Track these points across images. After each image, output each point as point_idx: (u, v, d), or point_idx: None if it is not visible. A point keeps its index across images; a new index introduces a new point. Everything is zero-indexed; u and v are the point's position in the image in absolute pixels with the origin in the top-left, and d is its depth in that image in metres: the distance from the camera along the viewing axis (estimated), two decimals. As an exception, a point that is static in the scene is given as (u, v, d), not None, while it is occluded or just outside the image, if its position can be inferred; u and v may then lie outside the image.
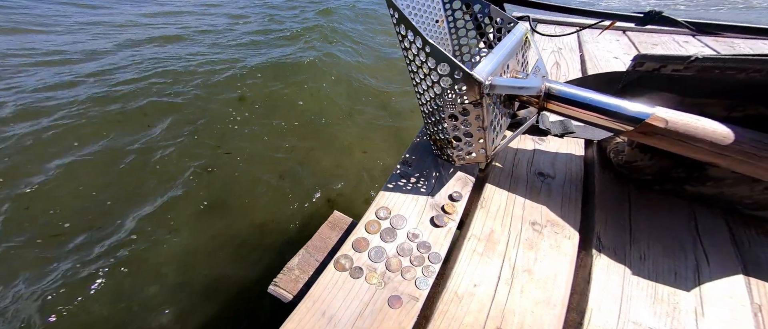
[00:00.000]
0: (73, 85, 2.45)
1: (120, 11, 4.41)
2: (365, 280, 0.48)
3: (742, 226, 0.56)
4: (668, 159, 0.57)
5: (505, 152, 0.71)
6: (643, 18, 0.90)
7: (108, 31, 3.66)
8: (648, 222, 0.57)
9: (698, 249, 0.52)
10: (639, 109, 0.49)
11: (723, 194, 0.56)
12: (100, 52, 3.06)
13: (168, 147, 1.94)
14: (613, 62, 1.22)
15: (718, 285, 0.48)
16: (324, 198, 1.74)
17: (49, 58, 2.87)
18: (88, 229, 1.49)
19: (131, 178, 1.75)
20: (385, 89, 2.89)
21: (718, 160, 0.46)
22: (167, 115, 2.22)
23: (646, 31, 1.57)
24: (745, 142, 0.44)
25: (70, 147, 1.89)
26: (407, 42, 0.50)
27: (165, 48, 3.30)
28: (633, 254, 0.52)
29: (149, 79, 2.59)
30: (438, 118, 0.56)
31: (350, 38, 3.93)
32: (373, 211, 0.57)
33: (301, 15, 4.79)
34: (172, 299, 1.31)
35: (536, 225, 0.56)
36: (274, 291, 0.53)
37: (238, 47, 3.47)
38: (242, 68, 2.86)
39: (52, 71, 2.65)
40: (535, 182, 0.64)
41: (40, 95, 2.29)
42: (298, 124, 2.25)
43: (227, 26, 4.15)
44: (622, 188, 0.63)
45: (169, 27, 3.95)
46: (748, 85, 0.48)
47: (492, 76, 0.47)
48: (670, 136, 0.47)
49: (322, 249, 0.58)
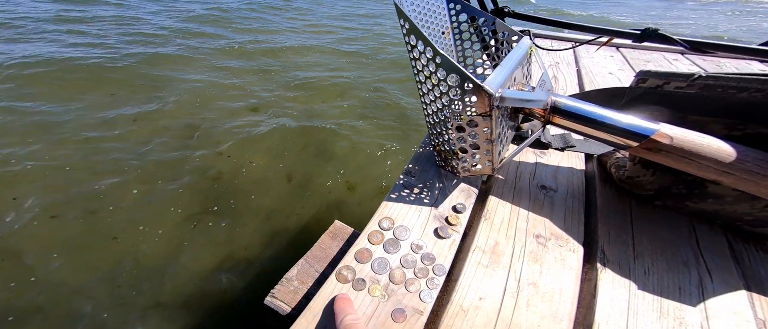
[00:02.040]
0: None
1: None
2: (368, 293, 0.47)
3: (742, 243, 0.57)
4: (670, 175, 0.58)
5: (508, 165, 0.71)
6: (640, 35, 0.93)
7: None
8: (650, 237, 0.57)
9: (700, 264, 0.53)
10: (644, 125, 0.49)
11: (724, 211, 0.56)
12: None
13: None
14: (608, 77, 1.25)
15: (722, 300, 0.48)
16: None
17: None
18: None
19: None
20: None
21: (722, 178, 0.47)
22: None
23: (638, 49, 1.62)
24: (749, 161, 0.45)
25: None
26: (417, 52, 0.49)
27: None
28: (637, 268, 0.52)
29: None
30: (444, 128, 0.56)
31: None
32: (376, 221, 0.56)
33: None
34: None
35: (540, 237, 0.56)
36: (272, 303, 0.51)
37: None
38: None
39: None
40: (538, 195, 0.64)
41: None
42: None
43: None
44: (623, 202, 0.63)
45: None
46: (748, 104, 0.49)
47: (501, 89, 0.47)
48: (675, 153, 0.48)
49: (322, 259, 0.56)
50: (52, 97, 2.40)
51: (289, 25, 5.02)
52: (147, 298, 1.29)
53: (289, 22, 5.17)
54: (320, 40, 4.33)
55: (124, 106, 2.40)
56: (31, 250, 1.38)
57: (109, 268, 1.36)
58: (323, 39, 4.42)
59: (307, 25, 5.04)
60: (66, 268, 1.34)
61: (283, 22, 5.13)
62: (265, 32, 4.49)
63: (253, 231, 1.57)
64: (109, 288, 1.30)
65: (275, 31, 4.56)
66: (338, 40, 4.43)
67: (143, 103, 2.47)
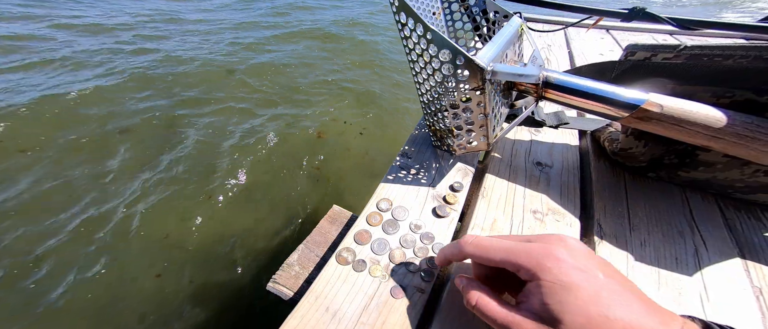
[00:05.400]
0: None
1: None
2: (369, 273, 0.47)
3: (734, 211, 0.58)
4: (661, 145, 0.59)
5: (503, 143, 0.71)
6: (628, 14, 0.93)
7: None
8: (645, 209, 0.58)
9: (696, 234, 0.54)
10: (634, 95, 0.50)
11: (715, 178, 0.57)
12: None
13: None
14: (599, 58, 1.26)
15: (718, 269, 0.49)
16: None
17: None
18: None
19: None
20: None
21: (712, 143, 0.47)
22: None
23: (627, 30, 1.63)
24: (737, 125, 0.45)
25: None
26: (407, 30, 0.49)
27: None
28: (634, 240, 0.52)
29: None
30: (438, 107, 0.56)
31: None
32: (374, 203, 0.56)
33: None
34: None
35: (538, 213, 0.56)
36: (274, 288, 0.50)
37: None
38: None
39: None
40: (534, 171, 0.64)
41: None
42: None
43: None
44: (617, 176, 0.64)
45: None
46: (734, 71, 0.49)
47: (493, 63, 0.47)
48: (666, 120, 0.48)
49: (322, 243, 0.56)
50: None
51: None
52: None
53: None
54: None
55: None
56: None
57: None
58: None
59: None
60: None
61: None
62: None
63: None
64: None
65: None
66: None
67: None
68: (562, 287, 0.27)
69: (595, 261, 0.30)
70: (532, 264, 0.29)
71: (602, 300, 0.26)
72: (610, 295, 0.27)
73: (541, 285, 0.28)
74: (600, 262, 0.31)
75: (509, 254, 0.31)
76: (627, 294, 0.27)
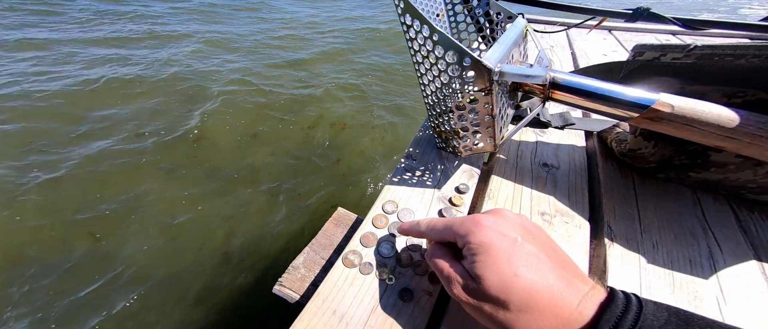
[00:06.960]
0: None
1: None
2: (376, 276, 0.46)
3: (747, 212, 0.57)
4: (671, 146, 0.58)
5: (508, 144, 0.71)
6: (632, 14, 0.93)
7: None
8: (655, 211, 0.57)
9: (709, 236, 0.52)
10: (644, 95, 0.49)
11: (727, 179, 0.56)
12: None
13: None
14: (602, 59, 1.25)
15: (734, 271, 0.47)
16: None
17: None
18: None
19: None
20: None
21: (725, 144, 0.47)
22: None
23: (630, 31, 1.62)
24: (752, 124, 0.45)
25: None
26: (413, 32, 0.49)
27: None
28: (646, 242, 0.51)
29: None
30: (443, 108, 0.55)
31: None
32: (379, 205, 0.55)
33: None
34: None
35: (545, 215, 0.55)
36: (280, 292, 0.50)
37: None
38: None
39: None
40: (541, 172, 0.63)
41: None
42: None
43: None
44: (625, 177, 0.63)
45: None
46: (746, 70, 0.48)
47: (500, 64, 0.46)
48: (677, 121, 0.48)
49: (327, 246, 0.56)
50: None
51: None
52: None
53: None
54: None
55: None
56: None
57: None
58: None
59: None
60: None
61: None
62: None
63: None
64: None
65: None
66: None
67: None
68: (482, 247, 0.32)
69: (520, 228, 0.34)
70: (463, 231, 0.35)
71: (513, 260, 0.30)
72: (522, 257, 0.31)
73: (469, 247, 0.33)
74: (526, 229, 0.35)
75: (449, 226, 0.37)
76: (541, 257, 0.31)
